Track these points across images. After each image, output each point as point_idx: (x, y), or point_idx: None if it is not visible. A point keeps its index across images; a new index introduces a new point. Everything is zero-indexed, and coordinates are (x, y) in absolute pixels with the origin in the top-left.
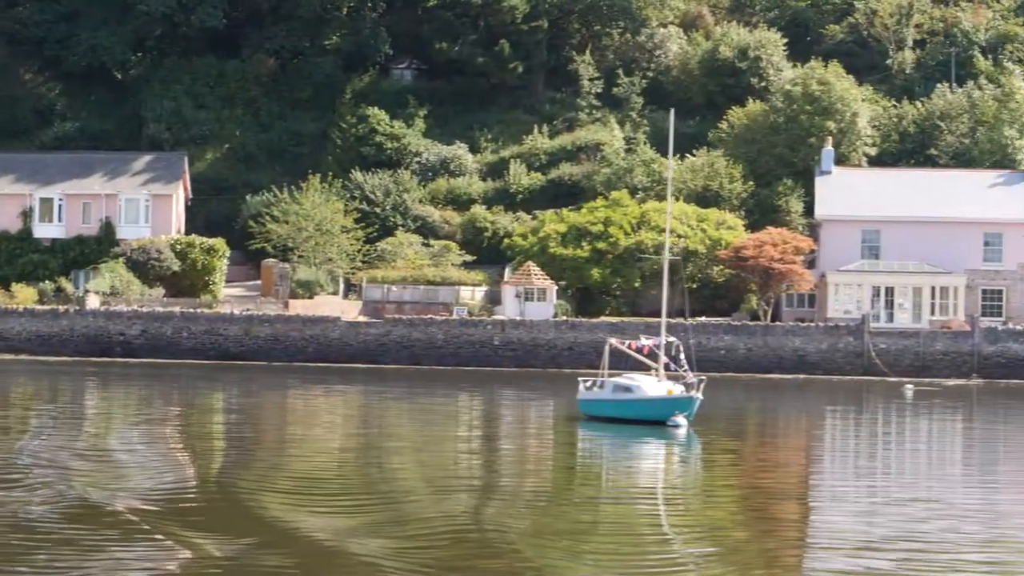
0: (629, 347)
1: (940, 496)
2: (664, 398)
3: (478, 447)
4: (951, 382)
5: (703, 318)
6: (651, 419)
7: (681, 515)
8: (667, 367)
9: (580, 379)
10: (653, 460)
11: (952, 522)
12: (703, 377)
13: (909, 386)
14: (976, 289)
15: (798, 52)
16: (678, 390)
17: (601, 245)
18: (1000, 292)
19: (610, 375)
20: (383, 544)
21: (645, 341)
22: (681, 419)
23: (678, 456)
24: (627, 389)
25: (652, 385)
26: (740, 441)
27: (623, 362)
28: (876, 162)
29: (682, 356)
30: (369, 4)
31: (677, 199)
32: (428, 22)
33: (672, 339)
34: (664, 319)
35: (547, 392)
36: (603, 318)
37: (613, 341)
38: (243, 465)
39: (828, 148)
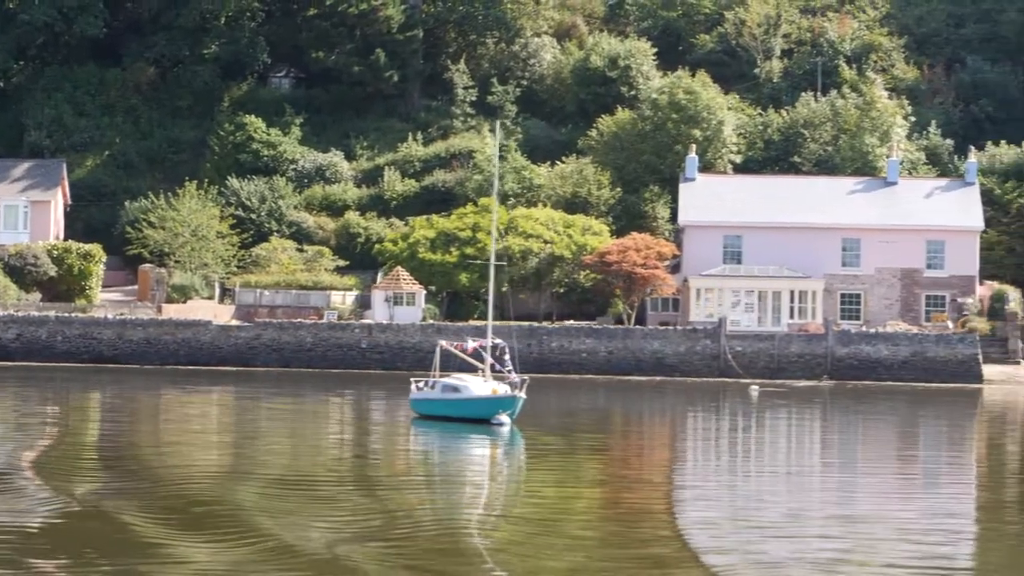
0: (457, 348)
1: (754, 484)
2: (489, 397)
3: (290, 441)
4: (801, 383)
5: (570, 322)
6: (477, 417)
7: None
8: (493, 368)
9: (412, 379)
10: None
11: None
12: (526, 378)
13: (755, 387)
14: (835, 293)
15: (670, 61)
16: (503, 390)
17: (469, 250)
18: (858, 296)
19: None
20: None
21: (471, 343)
22: (504, 417)
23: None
24: (455, 389)
25: (478, 385)
26: (556, 435)
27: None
28: (741, 169)
29: (507, 357)
30: (248, 14)
31: (545, 205)
32: (306, 31)
33: (498, 341)
34: (490, 322)
35: (402, 393)
36: (471, 321)
37: (443, 343)
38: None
39: (692, 155)
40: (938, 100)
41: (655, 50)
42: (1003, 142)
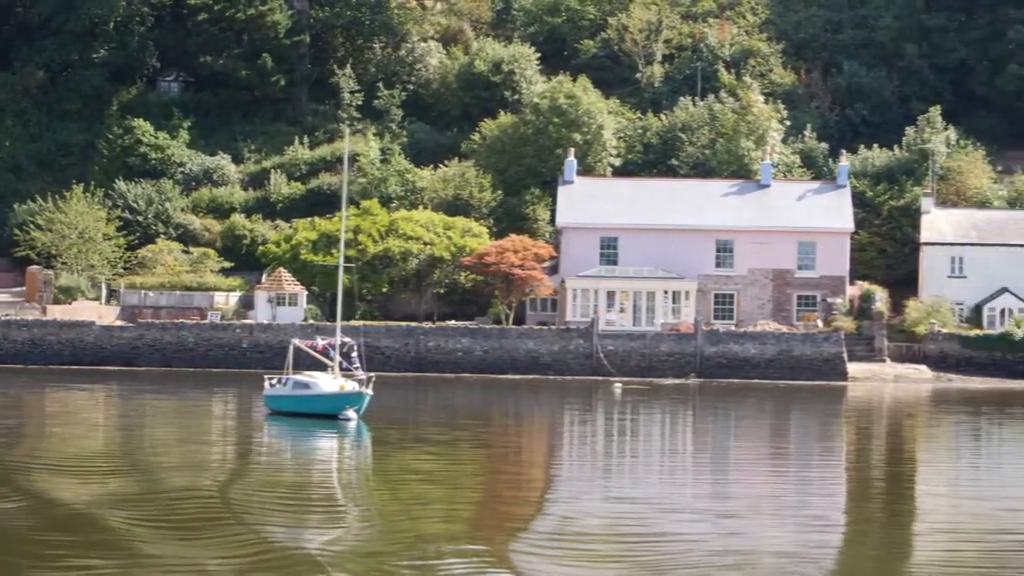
0: (308, 346)
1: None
2: (336, 394)
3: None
4: (668, 381)
5: (452, 322)
6: (326, 413)
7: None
8: (341, 366)
9: (266, 377)
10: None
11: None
12: (372, 375)
13: (617, 385)
14: (709, 294)
15: (555, 66)
16: (350, 386)
17: (351, 252)
18: (731, 296)
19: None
20: None
21: (321, 341)
22: (352, 413)
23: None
24: (305, 386)
25: (327, 382)
26: (397, 429)
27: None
28: (621, 172)
29: (354, 355)
30: (137, 19)
31: (426, 207)
32: (194, 36)
33: (347, 340)
34: (339, 322)
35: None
36: (353, 322)
37: (296, 341)
38: None
39: (571, 159)
40: (815, 104)
41: (538, 55)
42: (875, 145)
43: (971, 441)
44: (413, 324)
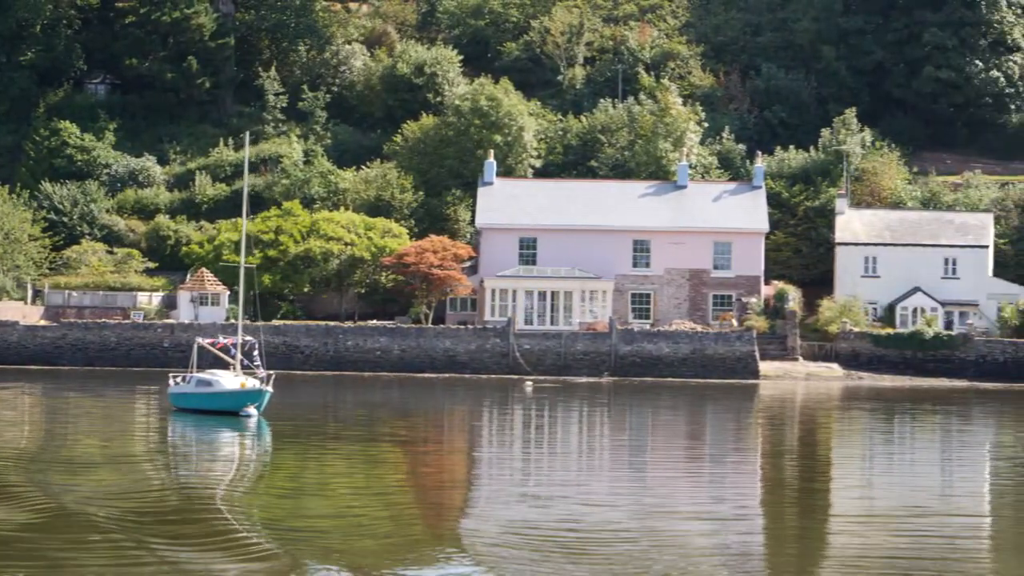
0: (212, 345)
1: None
2: (237, 391)
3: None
4: (581, 380)
5: (373, 321)
6: (227, 409)
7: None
8: (242, 363)
9: (171, 375)
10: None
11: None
12: (272, 373)
13: (529, 383)
14: (626, 293)
15: (479, 68)
16: (251, 384)
17: (272, 252)
18: (648, 295)
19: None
20: None
21: (223, 339)
22: (252, 409)
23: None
24: (208, 383)
25: (229, 379)
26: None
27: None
28: (541, 173)
29: (255, 353)
30: (64, 21)
31: (348, 208)
32: (121, 39)
33: (248, 338)
34: (240, 321)
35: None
36: (275, 321)
37: (199, 340)
38: None
39: (490, 160)
40: (733, 106)
41: (462, 57)
42: (792, 147)
43: (880, 436)
44: (332, 323)
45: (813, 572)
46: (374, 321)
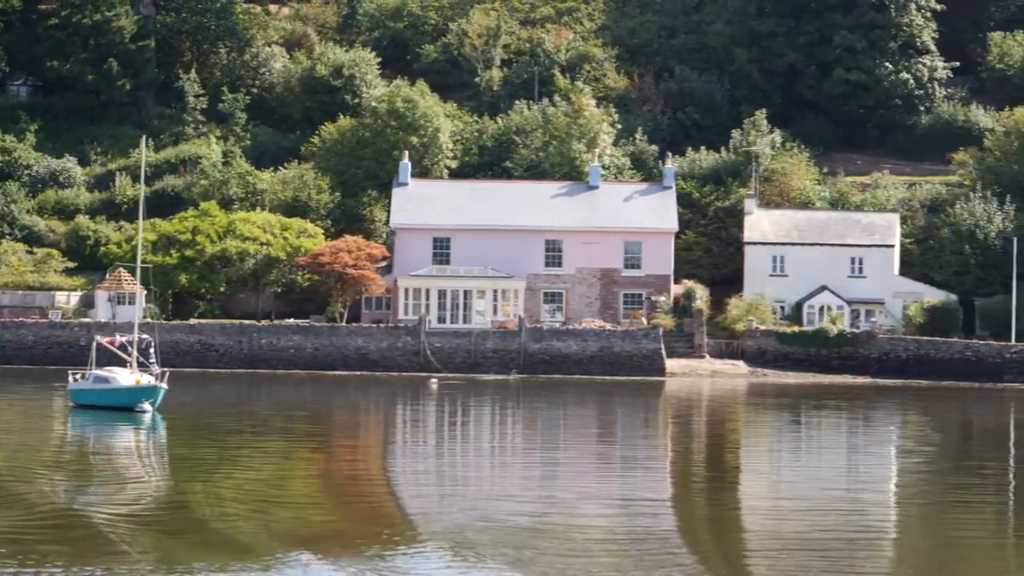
0: (109, 342)
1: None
2: (133, 387)
3: None
4: (489, 377)
5: (291, 320)
6: (123, 405)
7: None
8: (139, 361)
9: (70, 372)
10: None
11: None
12: (166, 370)
13: (434, 380)
14: (538, 292)
15: (398, 70)
16: (146, 380)
17: (189, 252)
18: (560, 294)
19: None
20: None
21: (120, 337)
22: (147, 405)
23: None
24: (105, 380)
25: (125, 376)
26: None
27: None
28: (457, 174)
29: (151, 351)
30: None
31: (264, 209)
32: (43, 41)
33: (145, 336)
34: (137, 319)
35: None
36: (192, 321)
37: (98, 338)
38: None
39: (405, 161)
40: (647, 108)
41: (381, 60)
42: (703, 148)
43: (784, 430)
44: (246, 322)
45: (726, 555)
46: (291, 320)
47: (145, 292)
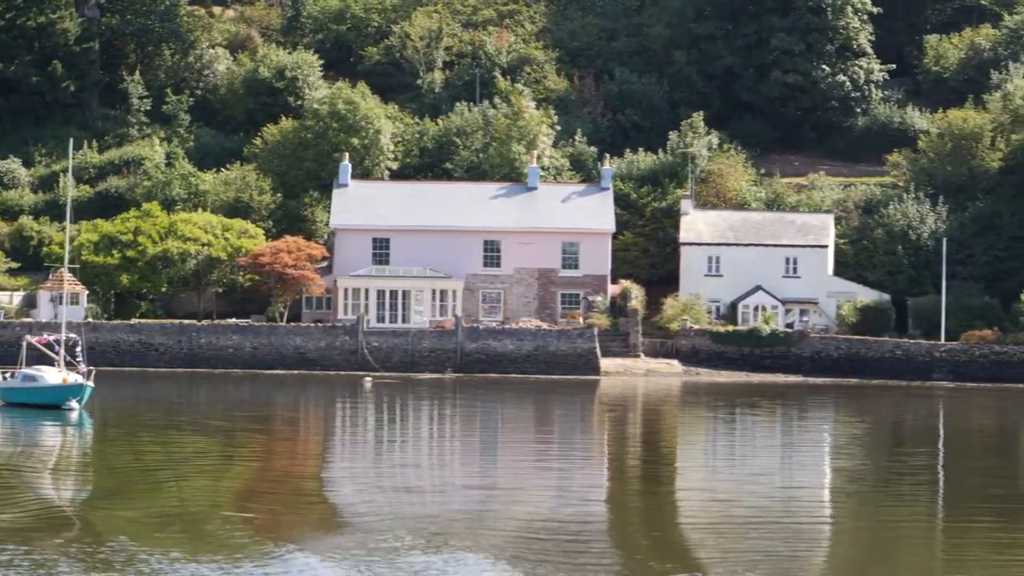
0: (38, 342)
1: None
2: (60, 385)
3: None
4: (424, 376)
5: (232, 320)
6: (50, 403)
7: None
8: (66, 359)
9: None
10: None
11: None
12: (92, 368)
13: (368, 379)
14: (477, 292)
15: (343, 72)
16: (73, 379)
17: (130, 253)
18: (499, 294)
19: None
20: None
21: (47, 336)
22: (74, 403)
23: None
24: (32, 378)
25: (52, 375)
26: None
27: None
28: (398, 175)
29: (78, 349)
30: None
31: (207, 210)
32: None
33: (72, 335)
34: (64, 319)
35: None
36: (133, 320)
37: (28, 337)
38: None
39: (345, 163)
40: (587, 110)
41: (324, 62)
42: (641, 149)
43: (715, 425)
44: (186, 322)
45: (662, 543)
46: (233, 320)
47: (87, 292)
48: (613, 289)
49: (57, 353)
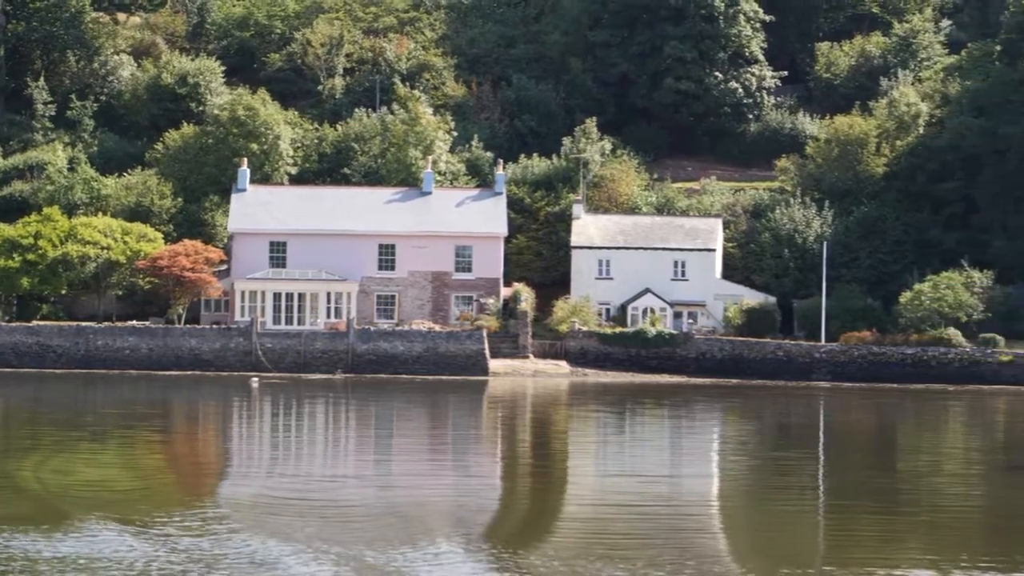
0: None
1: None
2: None
3: None
4: (314, 376)
5: (133, 322)
6: None
7: None
8: None
9: None
10: None
11: None
12: None
13: (255, 379)
14: (372, 295)
15: (246, 79)
16: None
17: (31, 256)
18: (393, 297)
19: None
20: None
21: None
22: None
23: None
24: None
25: None
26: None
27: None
28: (298, 180)
29: None
30: None
31: (106, 214)
32: None
33: None
34: None
35: None
36: (36, 322)
37: None
38: None
39: (244, 168)
40: (485, 116)
41: (224, 68)
42: (536, 155)
43: (596, 423)
44: (84, 324)
45: (550, 533)
46: (133, 322)
47: None
48: (506, 292)
49: None
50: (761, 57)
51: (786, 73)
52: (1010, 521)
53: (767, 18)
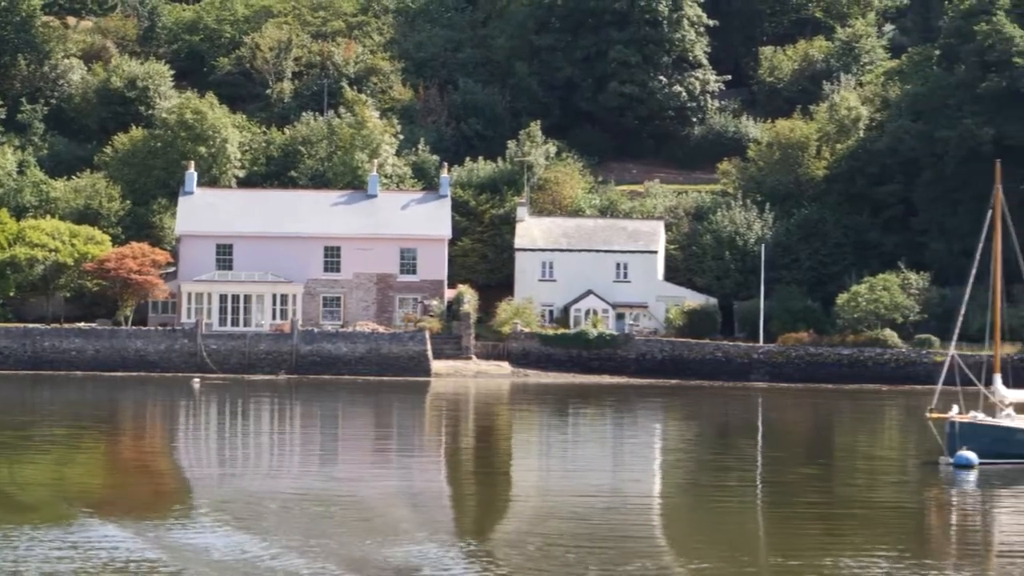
0: None
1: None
2: None
3: None
4: (257, 377)
5: (81, 323)
6: None
7: None
8: None
9: None
10: None
11: None
12: None
13: (196, 380)
14: (317, 296)
15: (195, 82)
16: None
17: None
18: (338, 299)
19: None
20: None
21: None
22: None
23: None
24: None
25: None
26: None
27: None
28: (245, 183)
29: None
30: None
31: (55, 217)
32: None
33: None
34: None
35: None
36: None
37: None
38: None
39: (191, 171)
40: (431, 119)
41: (173, 72)
42: (481, 158)
43: (537, 422)
44: (30, 325)
45: (497, 526)
46: (81, 323)
47: None
48: (450, 294)
49: None
50: (705, 61)
51: (730, 77)
52: (939, 514)
53: (711, 22)
